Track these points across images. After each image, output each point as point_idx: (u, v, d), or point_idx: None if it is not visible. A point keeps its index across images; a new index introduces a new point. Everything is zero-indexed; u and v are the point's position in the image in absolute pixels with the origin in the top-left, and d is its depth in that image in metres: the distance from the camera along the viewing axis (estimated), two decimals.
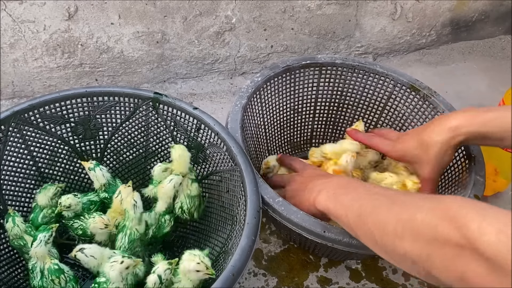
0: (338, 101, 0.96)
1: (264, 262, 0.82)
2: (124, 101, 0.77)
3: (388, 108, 0.93)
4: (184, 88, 1.15)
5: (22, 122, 0.72)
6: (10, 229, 0.68)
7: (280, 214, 0.66)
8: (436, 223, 0.42)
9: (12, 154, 0.73)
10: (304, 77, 0.91)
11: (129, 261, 0.62)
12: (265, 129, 0.90)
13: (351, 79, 0.92)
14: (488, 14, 1.33)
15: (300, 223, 0.64)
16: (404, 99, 0.90)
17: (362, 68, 0.91)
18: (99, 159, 0.81)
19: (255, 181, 0.66)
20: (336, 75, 0.92)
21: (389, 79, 0.90)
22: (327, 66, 0.91)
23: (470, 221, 0.39)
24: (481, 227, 0.38)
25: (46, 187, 0.73)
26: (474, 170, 0.74)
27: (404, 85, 0.89)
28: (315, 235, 0.64)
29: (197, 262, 0.60)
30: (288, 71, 0.88)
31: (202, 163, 0.77)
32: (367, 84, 0.92)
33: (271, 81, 0.87)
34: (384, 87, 0.91)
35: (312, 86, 0.93)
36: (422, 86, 0.88)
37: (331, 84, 0.93)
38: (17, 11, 0.92)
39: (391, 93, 0.91)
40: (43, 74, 1.03)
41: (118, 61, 1.06)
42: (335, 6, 1.13)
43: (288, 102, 0.93)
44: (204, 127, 0.75)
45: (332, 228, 0.63)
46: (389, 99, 0.92)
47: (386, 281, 0.81)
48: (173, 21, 1.03)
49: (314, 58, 0.90)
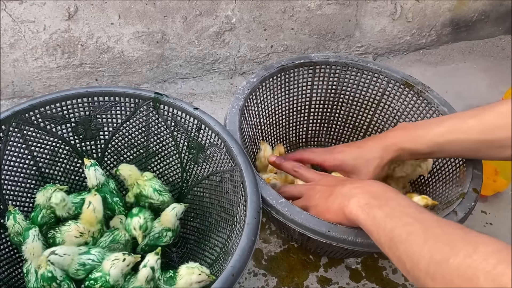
0: (333, 100, 0.96)
1: (264, 262, 0.82)
2: (124, 101, 0.77)
3: (382, 105, 0.94)
4: (184, 88, 1.15)
5: (23, 122, 0.72)
6: (11, 226, 0.68)
7: (284, 215, 0.66)
8: (471, 276, 0.40)
9: (13, 154, 0.73)
10: (299, 77, 0.91)
11: (130, 258, 0.63)
12: (261, 129, 0.90)
13: (345, 77, 0.93)
14: (488, 14, 1.33)
15: (304, 224, 0.64)
16: (398, 96, 0.91)
17: (356, 66, 0.91)
18: (100, 159, 0.81)
19: (255, 182, 0.66)
20: (330, 74, 0.93)
21: (383, 76, 0.91)
22: (321, 64, 0.91)
23: (509, 282, 0.37)
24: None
25: (46, 187, 0.73)
26: (471, 164, 0.74)
27: (398, 81, 0.90)
28: (320, 235, 0.64)
29: (198, 274, 0.60)
30: (283, 71, 0.89)
31: (203, 164, 0.77)
32: (360, 82, 0.93)
33: (266, 82, 0.87)
34: (378, 84, 0.92)
35: (307, 85, 0.93)
36: (416, 82, 0.88)
37: (325, 82, 0.94)
38: (17, 11, 0.92)
39: (385, 89, 0.92)
40: (43, 74, 1.03)
41: (118, 61, 1.06)
42: (335, 6, 1.13)
43: (283, 101, 0.93)
44: (204, 127, 0.75)
45: (336, 228, 0.64)
46: (383, 96, 0.93)
47: (386, 281, 0.81)
48: (173, 21, 1.03)
49: (308, 57, 0.91)
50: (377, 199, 0.58)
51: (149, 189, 0.76)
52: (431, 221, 0.51)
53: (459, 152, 0.70)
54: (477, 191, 0.71)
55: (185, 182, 0.81)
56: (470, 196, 0.70)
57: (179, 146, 0.80)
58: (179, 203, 0.74)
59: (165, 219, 0.73)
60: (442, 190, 0.80)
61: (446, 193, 0.78)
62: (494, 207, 0.95)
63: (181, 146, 0.79)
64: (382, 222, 0.54)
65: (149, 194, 0.76)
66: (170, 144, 0.80)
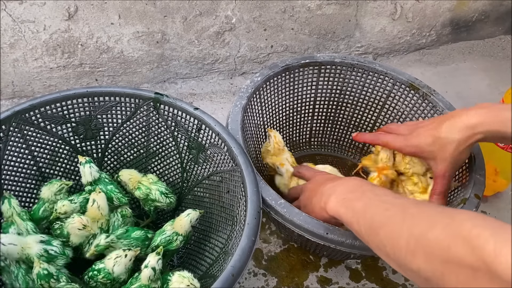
0: (337, 100, 0.96)
1: (264, 262, 0.82)
2: (125, 101, 0.77)
3: (387, 107, 0.93)
4: (184, 88, 1.15)
5: (23, 122, 0.72)
6: (6, 211, 0.68)
7: (283, 216, 0.66)
8: (449, 243, 0.41)
9: (13, 154, 0.73)
10: (304, 76, 0.91)
11: (131, 253, 0.63)
12: (265, 129, 0.90)
13: (350, 77, 0.93)
14: (488, 14, 1.33)
15: (302, 225, 0.64)
16: (403, 98, 0.91)
17: (361, 67, 0.91)
18: (100, 159, 0.81)
19: (256, 182, 0.66)
20: (335, 74, 0.92)
21: (388, 77, 0.90)
22: (326, 65, 0.91)
23: (484, 243, 0.38)
24: (496, 248, 0.37)
25: (52, 182, 0.73)
26: (474, 169, 0.74)
27: (403, 83, 0.89)
28: (318, 237, 0.64)
29: (187, 285, 0.59)
30: (288, 70, 0.89)
31: (203, 164, 0.77)
32: (366, 83, 0.93)
33: (271, 81, 0.87)
34: (383, 85, 0.92)
35: (312, 85, 0.93)
36: (422, 84, 0.88)
37: (330, 83, 0.93)
38: (17, 11, 0.92)
39: (390, 91, 0.92)
40: (43, 74, 1.03)
41: (118, 61, 1.06)
42: (335, 6, 1.13)
43: (287, 101, 0.93)
44: (204, 128, 0.75)
45: (334, 230, 0.64)
46: (388, 98, 0.92)
47: (386, 281, 0.81)
48: (173, 21, 1.03)
49: (313, 57, 0.91)
50: (355, 192, 0.59)
51: (156, 193, 0.75)
52: (408, 203, 0.52)
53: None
54: (478, 197, 0.70)
55: (185, 182, 0.81)
56: (471, 201, 0.70)
57: (180, 146, 0.80)
58: (194, 209, 0.71)
59: (178, 225, 0.70)
60: (455, 208, 0.79)
61: (448, 198, 0.78)
62: (494, 207, 0.95)
63: (181, 146, 0.79)
64: (361, 212, 0.55)
65: (157, 197, 0.75)
66: (171, 144, 0.80)
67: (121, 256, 0.63)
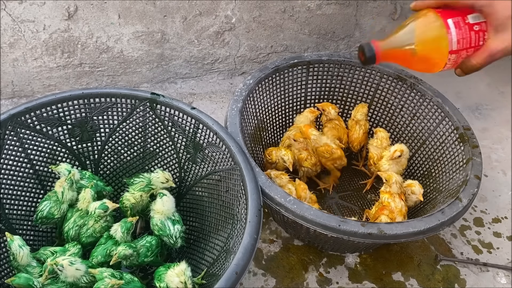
0: (327, 97, 0.97)
1: (263, 262, 0.82)
2: (121, 102, 0.77)
3: (376, 100, 0.95)
4: (184, 88, 1.15)
5: (19, 125, 0.72)
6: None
7: (293, 213, 0.66)
8: None
9: (9, 158, 0.72)
10: (293, 76, 0.93)
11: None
12: (260, 129, 0.91)
13: (338, 74, 0.94)
14: None
15: (314, 219, 0.65)
16: (392, 89, 0.92)
17: (348, 63, 0.93)
18: (97, 161, 0.81)
19: (256, 180, 0.66)
20: (324, 72, 0.94)
21: (375, 71, 0.92)
22: (314, 63, 0.93)
23: None
24: None
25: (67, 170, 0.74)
26: (471, 152, 0.78)
27: (390, 75, 0.91)
28: (330, 230, 0.65)
29: (180, 281, 0.62)
30: (277, 71, 0.90)
31: (201, 163, 0.77)
32: (354, 78, 0.94)
33: (262, 83, 0.88)
34: (371, 79, 0.94)
35: (301, 84, 0.95)
36: (408, 75, 0.90)
37: (319, 80, 0.95)
38: (17, 11, 0.92)
39: (378, 84, 0.93)
40: (42, 73, 1.03)
41: (117, 61, 1.06)
42: (335, 6, 1.13)
43: (279, 101, 0.94)
44: (202, 127, 0.75)
45: (346, 221, 0.64)
46: (376, 91, 0.94)
47: (386, 281, 0.81)
48: (173, 21, 1.03)
49: (301, 56, 0.92)
50: None
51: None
52: None
53: None
54: (478, 177, 0.73)
55: (183, 182, 0.81)
56: (472, 182, 0.73)
57: (177, 146, 0.79)
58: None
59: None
60: (444, 178, 0.82)
61: (448, 181, 0.80)
62: (494, 207, 0.95)
63: (178, 146, 0.79)
64: None
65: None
66: (168, 144, 0.80)
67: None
